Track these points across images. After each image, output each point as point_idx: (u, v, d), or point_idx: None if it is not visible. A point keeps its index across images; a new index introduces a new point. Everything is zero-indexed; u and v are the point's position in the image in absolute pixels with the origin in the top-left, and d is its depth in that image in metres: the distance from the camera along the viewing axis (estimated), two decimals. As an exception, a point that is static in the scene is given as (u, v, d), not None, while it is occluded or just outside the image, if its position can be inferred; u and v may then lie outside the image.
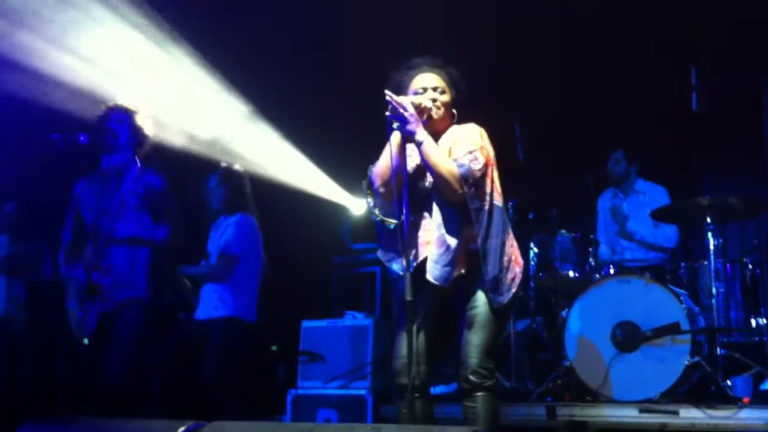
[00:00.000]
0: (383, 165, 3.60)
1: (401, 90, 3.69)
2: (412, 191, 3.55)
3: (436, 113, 3.63)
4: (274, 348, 6.25)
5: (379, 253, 3.69)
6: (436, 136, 3.69)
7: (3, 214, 6.35)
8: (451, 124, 3.73)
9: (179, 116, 5.93)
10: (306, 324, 6.04)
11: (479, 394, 3.46)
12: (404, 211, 3.44)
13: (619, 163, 5.98)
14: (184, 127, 5.98)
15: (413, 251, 3.52)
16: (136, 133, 4.63)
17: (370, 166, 3.70)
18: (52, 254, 5.87)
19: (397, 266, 3.59)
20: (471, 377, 3.44)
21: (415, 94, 3.66)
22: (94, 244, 4.40)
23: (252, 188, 5.56)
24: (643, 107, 6.36)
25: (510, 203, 5.74)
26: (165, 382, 5.13)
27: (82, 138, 4.41)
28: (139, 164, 4.63)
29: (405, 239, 3.43)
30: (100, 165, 4.63)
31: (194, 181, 5.55)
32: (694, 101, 5.48)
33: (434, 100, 3.62)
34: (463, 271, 3.51)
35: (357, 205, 6.97)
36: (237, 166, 5.57)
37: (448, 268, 3.48)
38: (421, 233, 3.57)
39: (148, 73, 5.95)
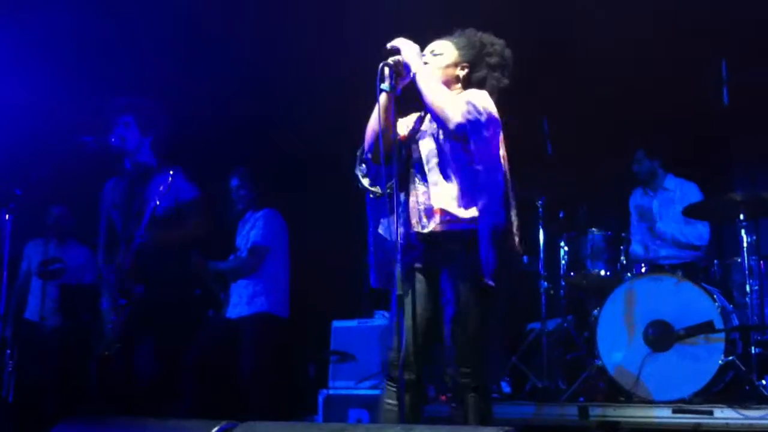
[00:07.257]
0: (370, 127, 3.40)
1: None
2: (407, 157, 3.38)
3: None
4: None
5: (380, 230, 3.55)
6: None
7: (48, 216, 6.36)
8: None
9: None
10: (336, 324, 6.06)
11: (469, 395, 3.13)
12: (393, 179, 3.16)
13: (642, 162, 5.89)
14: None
15: (413, 221, 3.31)
16: (146, 131, 4.56)
17: None
18: (92, 258, 5.94)
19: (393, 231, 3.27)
20: (457, 376, 3.14)
21: None
22: (126, 247, 4.41)
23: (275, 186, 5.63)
24: (673, 102, 6.28)
25: (539, 201, 5.71)
26: (198, 381, 5.15)
27: (113, 140, 4.43)
28: (165, 165, 4.51)
29: (398, 211, 3.16)
30: (124, 165, 4.61)
31: (215, 178, 5.56)
32: (726, 95, 5.38)
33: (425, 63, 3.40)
34: (458, 247, 3.22)
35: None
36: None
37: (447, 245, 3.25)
38: (423, 202, 3.33)
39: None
